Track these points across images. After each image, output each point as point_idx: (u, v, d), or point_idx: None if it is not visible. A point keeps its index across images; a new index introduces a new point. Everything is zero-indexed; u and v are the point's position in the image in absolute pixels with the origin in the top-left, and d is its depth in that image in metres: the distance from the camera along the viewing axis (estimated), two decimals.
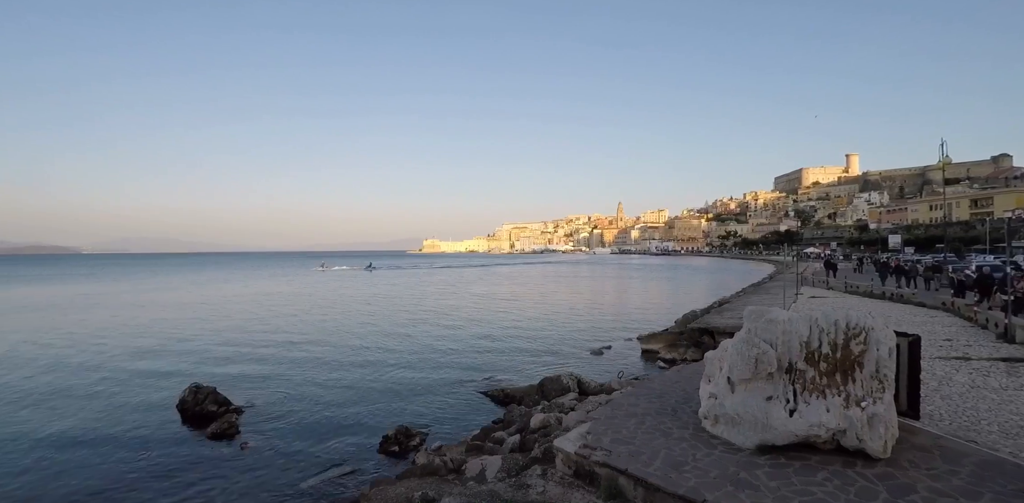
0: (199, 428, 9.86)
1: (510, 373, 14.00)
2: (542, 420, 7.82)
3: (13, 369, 15.11)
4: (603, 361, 15.42)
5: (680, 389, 7.44)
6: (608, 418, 6.22)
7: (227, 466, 8.20)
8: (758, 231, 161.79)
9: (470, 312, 27.94)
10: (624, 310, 28.83)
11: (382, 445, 8.71)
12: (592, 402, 8.61)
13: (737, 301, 22.90)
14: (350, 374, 14.08)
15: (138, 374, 14.46)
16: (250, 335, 20.82)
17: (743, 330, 5.47)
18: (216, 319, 26.04)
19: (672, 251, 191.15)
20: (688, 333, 15.70)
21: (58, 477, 7.90)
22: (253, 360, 16.04)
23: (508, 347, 17.69)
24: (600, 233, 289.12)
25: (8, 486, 7.60)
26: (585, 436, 5.62)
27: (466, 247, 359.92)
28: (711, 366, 5.93)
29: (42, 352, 17.61)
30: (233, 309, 30.85)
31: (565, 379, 10.80)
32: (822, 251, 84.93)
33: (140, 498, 7.20)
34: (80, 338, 20.39)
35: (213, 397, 10.68)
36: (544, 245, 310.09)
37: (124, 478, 7.84)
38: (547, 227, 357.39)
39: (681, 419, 6.09)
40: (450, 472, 6.67)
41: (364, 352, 17.09)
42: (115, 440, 9.45)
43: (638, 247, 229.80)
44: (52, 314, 28.99)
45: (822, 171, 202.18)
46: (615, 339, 18.76)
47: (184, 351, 17.66)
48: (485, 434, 8.50)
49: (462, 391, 12.33)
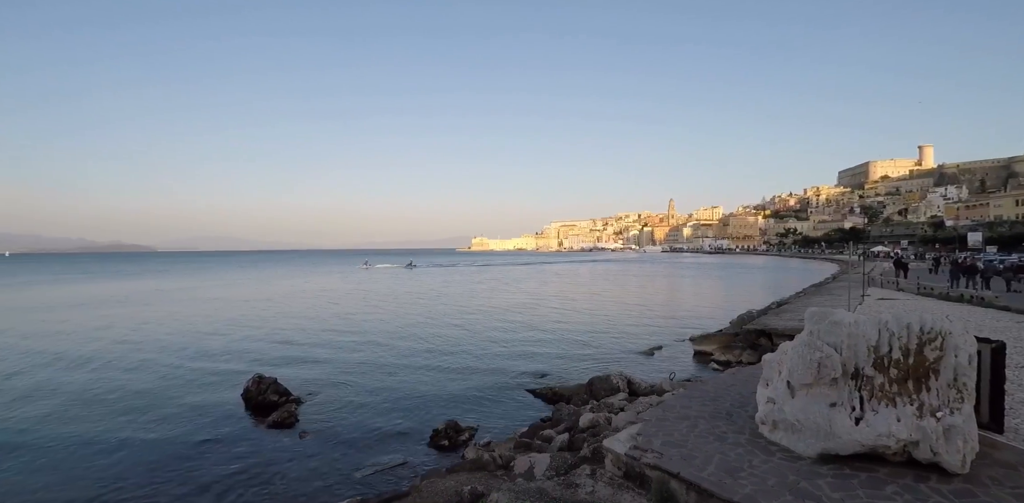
0: (261, 416, 10.36)
1: (558, 371, 13.96)
2: (591, 420, 7.75)
3: (99, 357, 16.38)
4: (654, 362, 15.12)
5: (735, 392, 7.19)
6: (659, 420, 6.09)
7: (287, 453, 8.59)
8: (820, 228, 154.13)
9: (519, 310, 28.03)
10: (676, 310, 28.15)
11: (432, 439, 8.88)
12: (642, 403, 8.46)
13: (797, 302, 21.90)
14: (401, 368, 14.43)
15: (208, 363, 15.37)
16: (308, 329, 21.70)
17: (804, 332, 5.22)
18: (278, 314, 27.31)
19: (726, 249, 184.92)
20: (744, 334, 15.16)
21: (133, 455, 8.52)
22: (310, 353, 16.71)
23: (557, 345, 17.64)
24: (650, 231, 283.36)
25: (87, 462, 8.25)
26: (635, 437, 5.52)
27: (514, 245, 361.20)
28: (769, 369, 5.69)
29: (124, 342, 19.00)
30: (292, 304, 32.28)
31: (615, 379, 10.66)
32: (891, 250, 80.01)
33: (206, 479, 7.65)
34: (157, 329, 21.87)
35: (274, 387, 11.20)
36: (593, 243, 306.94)
37: (192, 459, 8.37)
38: (596, 225, 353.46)
39: (736, 424, 5.88)
40: (499, 468, 6.72)
41: (415, 347, 17.47)
42: (186, 424, 10.09)
43: (690, 245, 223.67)
44: (134, 307, 31.25)
45: (891, 164, 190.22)
46: (666, 339, 18.35)
47: (248, 343, 18.63)
48: (533, 432, 8.51)
49: (510, 388, 12.39)
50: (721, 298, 34.59)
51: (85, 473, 7.89)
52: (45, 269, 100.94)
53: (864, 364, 4.80)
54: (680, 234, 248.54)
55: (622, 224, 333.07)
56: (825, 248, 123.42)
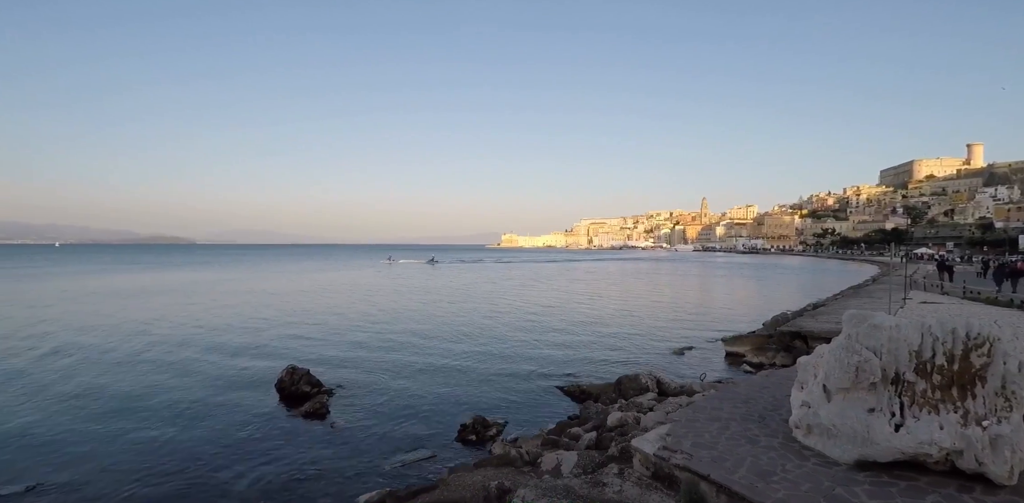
0: (294, 406, 10.65)
1: (587, 369, 13.91)
2: (619, 419, 7.71)
3: (143, 345, 17.10)
4: (684, 362, 14.92)
5: (768, 395, 7.05)
6: (689, 421, 6.03)
7: (318, 444, 8.81)
8: (860, 229, 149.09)
9: (547, 307, 28.02)
10: (708, 310, 27.68)
11: (460, 433, 8.97)
12: (672, 404, 8.36)
13: (834, 304, 21.28)
14: (430, 363, 14.61)
15: (244, 353, 15.90)
16: (339, 322, 22.17)
17: (842, 335, 5.08)
18: (310, 306, 27.99)
19: (761, 249, 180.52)
20: (778, 336, 14.82)
21: (173, 440, 8.88)
22: (341, 346, 17.08)
23: (585, 343, 17.57)
24: (682, 229, 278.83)
25: (130, 445, 8.63)
26: (664, 438, 5.47)
27: (543, 242, 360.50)
28: (804, 372, 5.56)
29: (168, 331, 19.77)
30: (324, 298, 33.01)
31: (644, 378, 10.56)
32: (936, 252, 76.81)
33: (241, 466, 7.91)
34: (198, 319, 22.68)
35: (307, 378, 11.48)
36: (623, 241, 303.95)
37: (228, 446, 8.67)
38: (626, 223, 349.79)
39: (769, 427, 5.77)
40: (526, 464, 6.75)
41: (443, 342, 17.66)
42: (223, 411, 10.46)
43: (723, 244, 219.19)
44: (178, 297, 32.48)
45: (937, 163, 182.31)
46: (697, 340, 18.08)
47: (282, 334, 19.15)
48: (561, 429, 8.52)
49: (538, 385, 12.42)
50: (754, 299, 33.87)
51: (128, 456, 8.25)
52: (94, 259, 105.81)
53: (905, 369, 4.64)
54: (713, 233, 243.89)
55: (653, 222, 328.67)
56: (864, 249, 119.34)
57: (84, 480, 7.42)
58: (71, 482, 7.35)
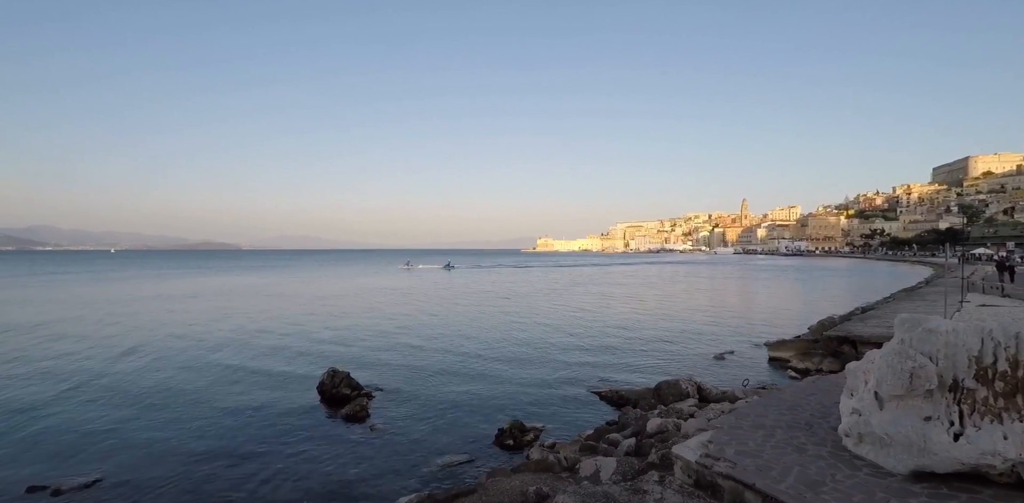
0: (335, 408, 10.89)
1: (624, 374, 13.74)
2: (659, 425, 7.58)
3: (193, 346, 17.82)
4: (725, 367, 14.55)
5: (815, 402, 6.80)
6: (732, 428, 5.87)
7: (358, 446, 8.98)
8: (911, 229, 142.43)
9: (584, 311, 27.81)
10: (749, 313, 26.95)
11: (497, 437, 8.98)
12: (714, 410, 8.17)
13: (885, 308, 20.37)
14: (468, 367, 14.71)
15: (287, 355, 16.39)
16: (378, 326, 22.58)
17: (895, 340, 4.87)
18: (351, 310, 28.61)
19: (805, 251, 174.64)
20: (824, 341, 14.28)
21: (219, 440, 9.19)
22: (380, 349, 17.38)
23: (623, 347, 17.36)
24: (722, 232, 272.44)
25: (179, 443, 8.97)
26: (706, 445, 5.35)
27: (579, 246, 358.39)
28: (854, 379, 5.35)
29: (214, 332, 20.54)
30: (364, 301, 33.67)
31: (684, 384, 10.36)
32: (996, 252, 72.58)
33: (284, 466, 8.13)
34: (241, 322, 23.48)
35: (347, 381, 11.73)
36: (660, 244, 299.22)
37: (272, 445, 8.93)
38: (663, 226, 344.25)
39: (817, 435, 5.57)
40: (564, 470, 6.71)
41: (481, 346, 17.75)
42: (267, 411, 10.80)
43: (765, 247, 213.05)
44: (222, 301, 33.71)
45: (995, 159, 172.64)
46: (739, 344, 17.60)
47: (323, 337, 19.66)
48: (599, 435, 8.43)
49: (575, 389, 12.33)
50: (798, 302, 32.75)
51: (181, 452, 8.60)
52: (149, 264, 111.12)
53: (964, 376, 4.41)
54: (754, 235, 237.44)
55: (691, 225, 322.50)
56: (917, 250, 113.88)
57: (140, 475, 7.78)
58: (129, 477, 7.71)
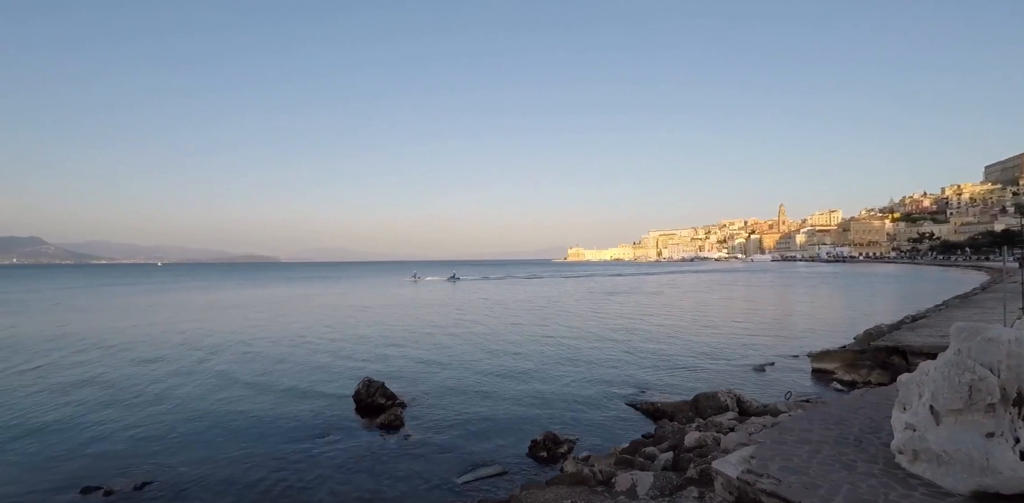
0: (369, 418, 10.99)
1: (660, 386, 13.42)
2: (698, 439, 7.33)
3: (231, 356, 18.32)
4: (765, 379, 14.05)
5: (864, 416, 6.47)
6: (775, 443, 5.63)
7: (393, 455, 9.00)
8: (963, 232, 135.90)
9: (620, 321, 27.42)
10: (790, 323, 26.04)
11: (531, 449, 8.87)
12: (755, 424, 7.86)
13: (937, 316, 19.37)
14: (500, 378, 14.64)
15: (324, 364, 16.69)
16: (410, 336, 22.77)
17: (950, 350, 4.59)
18: (384, 320, 28.98)
19: (848, 257, 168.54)
20: (872, 352, 13.64)
21: (257, 446, 9.34)
22: (414, 359, 17.50)
23: (659, 358, 17.00)
24: (758, 238, 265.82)
25: (216, 451, 9.15)
26: (748, 460, 5.13)
27: (611, 255, 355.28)
28: (907, 392, 5.05)
29: (255, 341, 21.09)
30: (397, 312, 34.06)
31: (723, 396, 10.02)
32: None
33: (320, 474, 8.22)
34: (280, 331, 24.04)
35: (382, 391, 11.82)
36: (694, 252, 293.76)
37: (309, 453, 9.03)
38: (697, 233, 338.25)
39: (867, 451, 5.28)
40: (599, 484, 6.55)
41: (513, 357, 17.67)
42: (304, 419, 10.97)
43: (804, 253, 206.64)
44: (263, 311, 34.67)
45: None
46: (780, 355, 17.00)
47: (360, 346, 19.94)
48: (635, 448, 8.22)
49: (609, 401, 12.10)
50: (842, 311, 31.50)
51: (222, 456, 8.79)
52: (196, 276, 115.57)
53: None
54: (792, 241, 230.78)
55: (726, 232, 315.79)
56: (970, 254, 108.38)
57: (185, 479, 7.99)
58: (174, 481, 7.92)
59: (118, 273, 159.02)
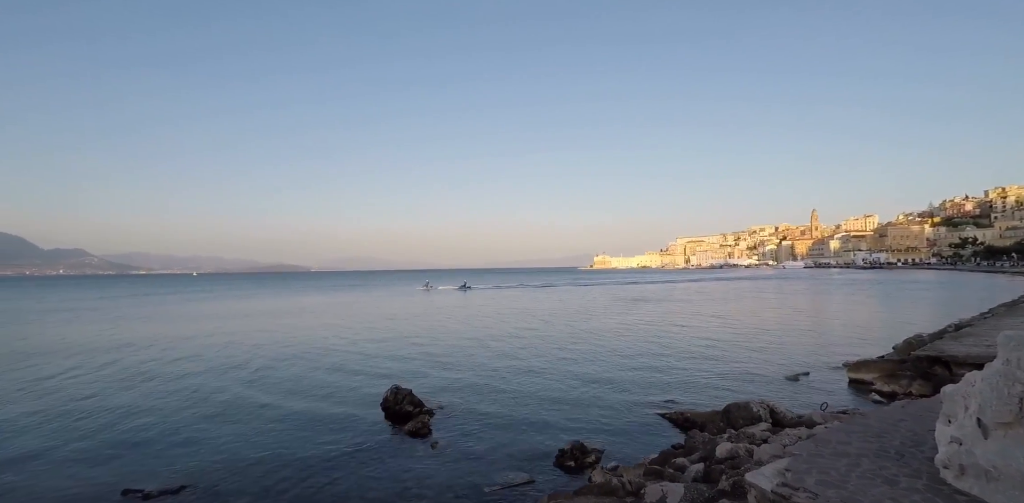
0: (397, 425, 11.06)
1: (689, 395, 13.17)
2: (730, 450, 7.16)
3: (264, 362, 18.71)
4: (799, 389, 13.65)
5: (906, 429, 6.23)
6: (811, 455, 5.45)
7: (421, 462, 9.04)
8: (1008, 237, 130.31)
9: (648, 329, 27.06)
10: (825, 331, 25.28)
11: (558, 458, 8.79)
12: (789, 435, 7.64)
13: (982, 324, 18.56)
14: (526, 386, 14.58)
15: (352, 371, 16.94)
16: (438, 344, 22.92)
17: (999, 360, 4.39)
18: (411, 328, 29.24)
19: (885, 264, 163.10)
20: (913, 362, 13.14)
21: (289, 451, 9.49)
22: (441, 366, 17.60)
23: (688, 367, 16.69)
24: (790, 245, 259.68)
25: (252, 453, 9.33)
26: (783, 473, 4.98)
27: (638, 262, 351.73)
28: (952, 404, 4.85)
29: (286, 348, 21.51)
30: (423, 320, 34.34)
31: (755, 407, 9.77)
32: None
33: (350, 480, 8.30)
34: (309, 338, 24.47)
35: (410, 398, 11.90)
36: (723, 259, 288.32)
37: (337, 460, 9.15)
38: (726, 240, 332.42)
39: (910, 466, 5.07)
40: (628, 495, 6.45)
41: (540, 365, 17.59)
42: (333, 426, 11.10)
43: (839, 259, 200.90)
44: (296, 319, 35.38)
45: None
46: (814, 365, 16.51)
47: (386, 354, 20.16)
48: (664, 459, 8.07)
49: (638, 411, 11.92)
50: (880, 319, 30.44)
51: (252, 466, 8.95)
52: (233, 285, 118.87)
53: None
54: (826, 247, 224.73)
55: (756, 238, 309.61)
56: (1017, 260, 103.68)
57: (219, 484, 8.19)
58: (209, 485, 8.12)
59: (157, 283, 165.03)
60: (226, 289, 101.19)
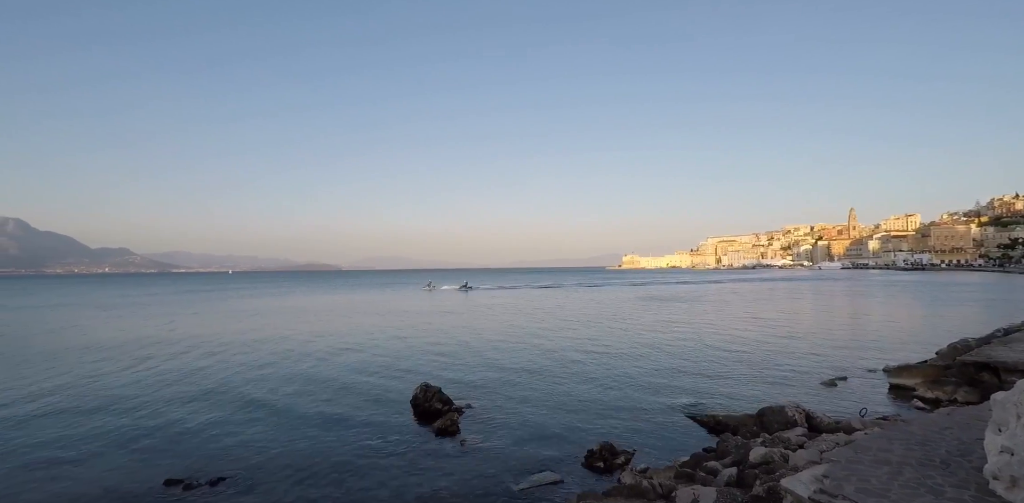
0: (427, 423, 11.19)
1: (721, 399, 12.92)
2: (764, 455, 7.01)
3: (297, 359, 19.18)
4: (837, 394, 13.25)
5: (952, 437, 5.99)
6: (850, 462, 5.30)
7: (450, 460, 9.12)
8: None
9: (680, 331, 26.66)
10: (864, 335, 24.45)
11: (587, 459, 8.76)
12: (826, 441, 7.43)
13: None
14: (555, 385, 14.56)
15: (383, 369, 17.22)
16: (470, 343, 23.10)
17: None
18: (440, 326, 29.53)
19: (928, 265, 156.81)
20: (958, 367, 12.60)
21: (321, 447, 9.72)
22: (471, 365, 17.72)
23: (720, 370, 16.38)
24: (826, 245, 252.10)
25: (277, 451, 9.56)
26: (821, 480, 4.86)
27: (667, 262, 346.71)
28: (1002, 412, 4.64)
29: (318, 346, 22.00)
30: (454, 318, 34.58)
31: (790, 411, 9.54)
32: None
33: (380, 476, 8.44)
34: (340, 336, 24.96)
35: (439, 396, 12.01)
36: (756, 259, 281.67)
37: (368, 456, 9.31)
38: (759, 240, 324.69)
39: (957, 476, 4.87)
40: (658, 497, 6.39)
41: (571, 365, 17.55)
42: (364, 423, 11.31)
43: (878, 260, 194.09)
44: (326, 316, 36.13)
45: None
46: (852, 369, 16.01)
47: (416, 352, 20.44)
48: (696, 462, 7.96)
49: (668, 413, 11.77)
50: (923, 322, 29.28)
51: (286, 460, 9.18)
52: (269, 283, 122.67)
53: None
54: (864, 248, 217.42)
55: (791, 238, 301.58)
56: None
57: (255, 476, 8.46)
58: (246, 477, 8.40)
59: (197, 281, 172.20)
60: (263, 287, 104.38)
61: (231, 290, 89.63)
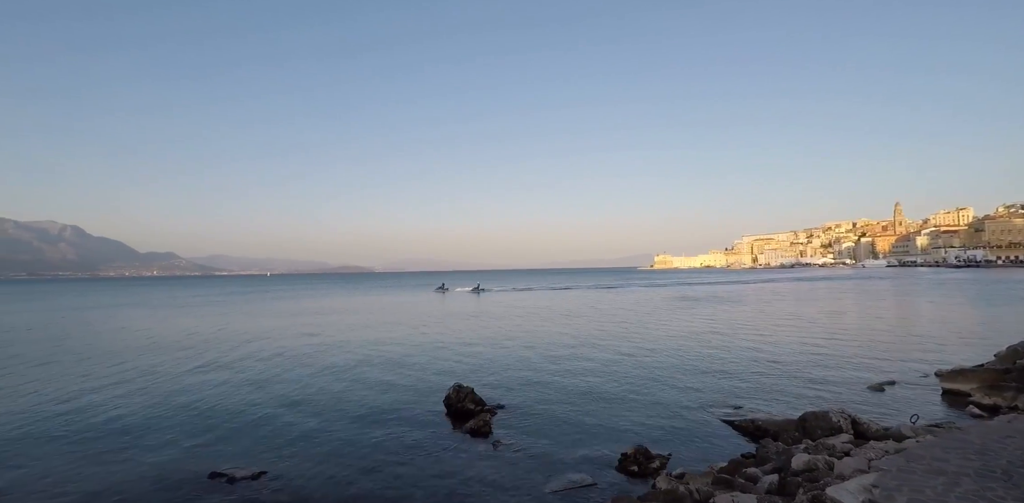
0: (459, 422, 11.22)
1: (760, 403, 12.51)
2: (807, 462, 6.73)
3: (335, 358, 19.54)
4: (885, 399, 12.67)
5: (1014, 447, 5.62)
6: (901, 471, 5.02)
7: (482, 461, 9.11)
8: None
9: (719, 333, 26.00)
10: (914, 336, 23.32)
11: (621, 462, 8.60)
12: (875, 449, 7.08)
13: None
14: (589, 387, 14.40)
15: (416, 369, 17.43)
16: (503, 343, 23.10)
17: None
18: (475, 327, 29.67)
19: (982, 262, 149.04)
20: (1019, 371, 11.86)
21: (356, 445, 9.89)
22: (504, 366, 17.70)
23: (760, 373, 15.88)
24: (870, 241, 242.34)
25: (315, 449, 9.72)
26: (870, 489, 4.62)
27: (701, 262, 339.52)
28: None
29: (357, 345, 22.40)
30: (489, 320, 34.69)
31: (835, 416, 9.14)
32: None
33: (414, 476, 8.49)
34: (374, 336, 25.34)
35: (471, 397, 12.04)
36: (795, 258, 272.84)
37: (401, 457, 9.36)
38: (798, 237, 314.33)
39: (1021, 488, 4.56)
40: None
41: (602, 366, 17.34)
42: (398, 423, 11.41)
43: (926, 257, 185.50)
44: (362, 317, 36.79)
45: None
46: (901, 372, 15.29)
47: (448, 352, 20.58)
48: (734, 468, 7.71)
49: (704, 417, 11.48)
50: (978, 323, 27.75)
51: (321, 457, 9.34)
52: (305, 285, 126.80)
53: None
54: (911, 244, 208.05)
55: (831, 235, 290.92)
56: None
57: (293, 472, 8.64)
58: (285, 473, 8.60)
59: (239, 282, 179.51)
60: (301, 289, 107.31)
61: (272, 292, 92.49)
